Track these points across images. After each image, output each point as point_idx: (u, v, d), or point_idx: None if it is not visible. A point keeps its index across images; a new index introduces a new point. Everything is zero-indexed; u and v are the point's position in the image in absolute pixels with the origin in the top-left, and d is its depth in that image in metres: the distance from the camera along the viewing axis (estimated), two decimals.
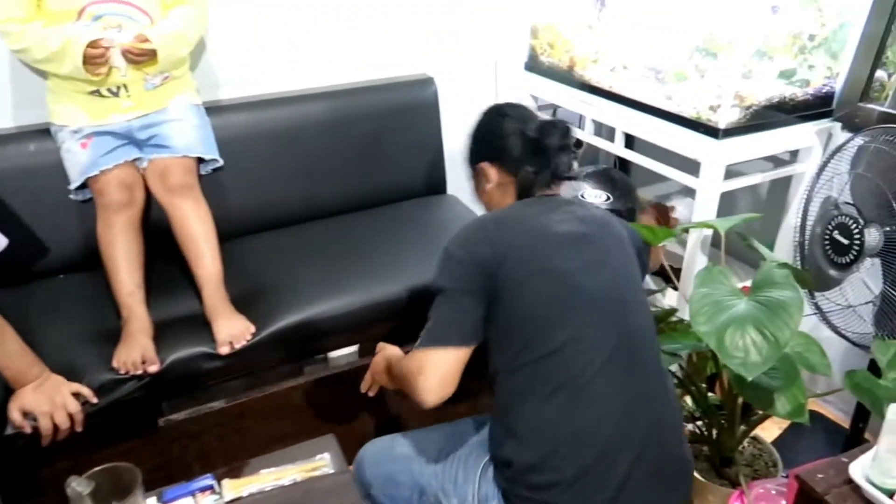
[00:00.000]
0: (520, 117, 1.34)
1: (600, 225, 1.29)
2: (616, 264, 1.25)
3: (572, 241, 1.23)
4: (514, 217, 1.26)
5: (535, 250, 1.19)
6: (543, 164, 1.30)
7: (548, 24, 2.24)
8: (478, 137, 1.41)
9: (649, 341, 1.25)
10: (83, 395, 1.46)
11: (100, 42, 1.53)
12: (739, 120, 1.74)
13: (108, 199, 1.64)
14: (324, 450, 1.20)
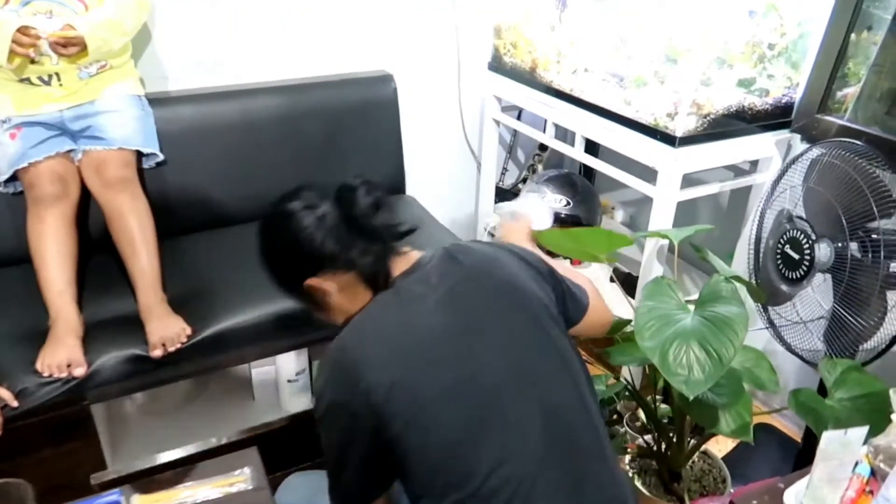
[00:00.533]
0: (307, 204, 1.06)
1: (480, 278, 1.09)
2: (514, 324, 1.06)
3: (451, 332, 1.03)
4: (372, 335, 1.03)
5: (413, 375, 0.99)
6: (370, 237, 1.05)
7: (511, 24, 2.19)
8: (280, 257, 1.12)
9: (578, 408, 1.06)
10: (2, 399, 1.39)
11: (29, 30, 1.45)
12: (697, 128, 1.71)
13: (39, 192, 1.57)
14: (245, 464, 1.14)
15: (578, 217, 2.14)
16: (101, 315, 1.59)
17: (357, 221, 1.04)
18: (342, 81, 2.12)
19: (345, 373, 1.01)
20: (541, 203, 2.03)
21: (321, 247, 1.04)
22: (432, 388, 0.99)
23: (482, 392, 1.00)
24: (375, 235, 1.05)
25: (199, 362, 1.60)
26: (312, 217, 1.04)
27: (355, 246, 1.04)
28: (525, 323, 1.08)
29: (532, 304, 1.09)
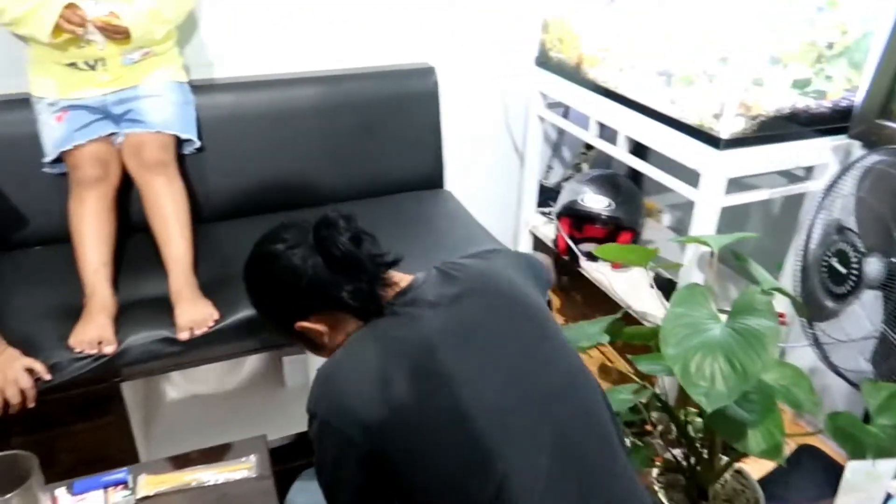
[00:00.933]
0: (289, 245, 1.04)
1: (477, 293, 1.06)
2: (515, 337, 1.03)
3: (450, 352, 0.98)
4: (363, 363, 0.99)
5: (410, 402, 0.94)
6: (354, 273, 1.02)
7: (558, 18, 2.14)
8: (266, 302, 1.12)
9: (588, 421, 1.02)
10: (37, 371, 1.43)
11: (77, 9, 1.49)
12: (744, 130, 1.62)
13: (81, 173, 1.62)
14: (253, 451, 1.14)
15: (619, 219, 2.08)
16: (135, 296, 1.63)
17: (339, 259, 1.02)
18: (383, 73, 2.11)
19: (337, 397, 0.97)
20: None
21: (306, 291, 1.02)
22: (431, 415, 0.95)
23: (485, 413, 0.96)
24: (360, 270, 1.02)
25: (225, 347, 1.62)
26: (294, 259, 1.02)
27: (340, 284, 1.02)
28: (527, 335, 1.04)
29: (532, 311, 1.06)
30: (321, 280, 1.02)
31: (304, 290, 1.03)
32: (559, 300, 2.54)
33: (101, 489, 1.05)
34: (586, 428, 1.02)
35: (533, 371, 1.01)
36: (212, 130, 1.88)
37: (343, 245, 1.02)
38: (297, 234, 1.06)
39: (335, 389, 0.98)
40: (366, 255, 1.04)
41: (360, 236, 1.05)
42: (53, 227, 1.78)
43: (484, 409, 0.95)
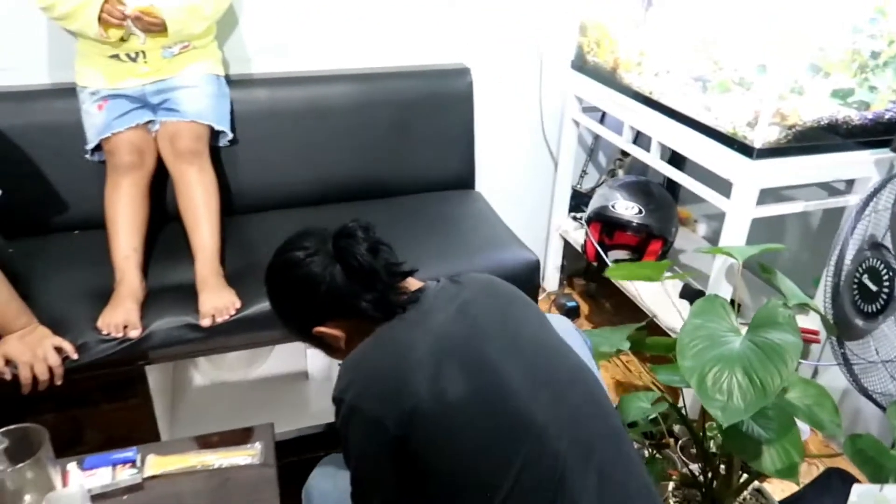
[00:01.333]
0: (308, 253, 1.08)
1: (487, 293, 1.11)
2: (526, 330, 1.07)
3: (465, 342, 1.02)
4: (386, 356, 1.02)
5: (432, 388, 0.97)
6: (371, 282, 1.06)
7: (596, 22, 2.11)
8: (286, 306, 1.16)
9: (596, 412, 1.04)
10: (65, 350, 1.48)
11: (119, 3, 1.54)
12: (779, 140, 1.58)
13: (118, 160, 1.67)
14: (259, 439, 1.16)
15: (649, 226, 2.04)
16: (163, 282, 1.67)
17: (357, 269, 1.05)
18: (417, 72, 2.12)
19: (365, 384, 1.00)
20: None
21: (324, 298, 1.06)
22: (452, 401, 0.96)
23: (502, 398, 0.98)
24: (376, 280, 1.06)
25: (247, 336, 1.65)
26: (313, 267, 1.06)
27: (358, 293, 1.05)
28: (537, 329, 1.08)
29: (540, 314, 1.12)
30: (339, 288, 1.06)
31: (323, 297, 1.06)
32: (587, 307, 2.51)
33: (110, 466, 1.08)
34: (594, 416, 1.04)
35: (546, 360, 1.05)
36: (246, 124, 1.92)
37: (361, 256, 1.05)
38: (317, 242, 1.09)
39: (363, 376, 1.01)
40: (382, 265, 1.07)
41: (377, 246, 1.09)
42: (92, 213, 1.84)
43: (502, 393, 0.98)
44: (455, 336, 1.02)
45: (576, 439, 0.98)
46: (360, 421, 0.98)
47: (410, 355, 0.99)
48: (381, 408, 0.96)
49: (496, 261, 1.80)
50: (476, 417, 0.97)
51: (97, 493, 1.05)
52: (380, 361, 1.02)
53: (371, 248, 1.07)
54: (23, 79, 1.85)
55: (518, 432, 0.96)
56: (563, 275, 2.59)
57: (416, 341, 1.01)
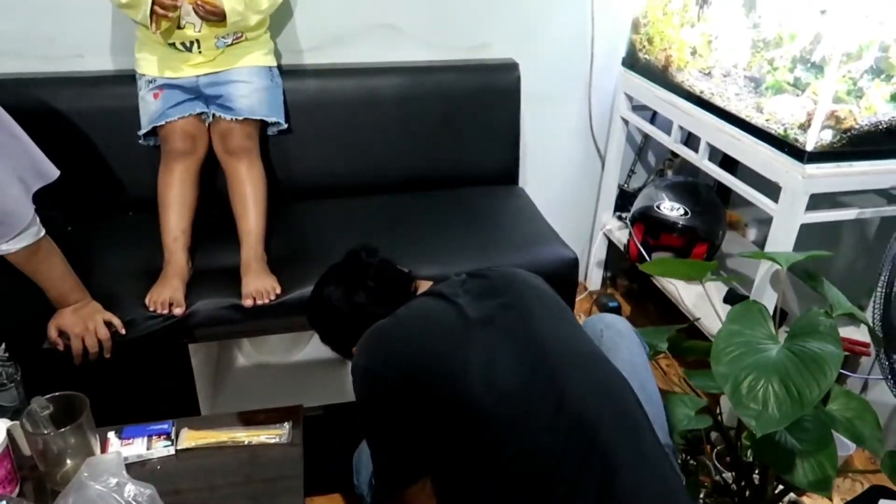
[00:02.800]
0: (336, 284, 1.30)
1: (507, 279, 1.21)
2: (548, 309, 1.17)
3: (487, 310, 1.13)
4: (411, 322, 1.15)
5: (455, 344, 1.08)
6: (386, 292, 1.25)
7: (650, 18, 2.08)
8: (325, 332, 1.36)
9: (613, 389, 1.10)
10: (114, 325, 1.55)
11: None
12: (833, 143, 1.52)
13: (171, 146, 1.74)
14: (289, 419, 1.20)
15: (695, 228, 2.00)
16: (209, 264, 1.73)
17: (373, 289, 1.24)
18: (465, 66, 2.13)
19: (381, 349, 1.11)
20: None
21: (353, 322, 1.22)
22: (477, 355, 1.05)
23: (537, 354, 1.07)
24: (390, 288, 1.25)
25: (286, 320, 1.69)
26: (339, 300, 1.26)
27: (377, 309, 1.20)
28: (558, 311, 1.17)
29: (558, 304, 1.19)
30: (363, 311, 1.23)
31: (352, 322, 1.23)
32: (629, 308, 2.48)
33: (146, 437, 1.13)
34: (606, 404, 1.07)
35: (566, 333, 1.13)
36: (297, 114, 1.96)
37: (373, 274, 1.26)
38: (338, 275, 1.31)
39: (380, 342, 1.12)
40: (391, 275, 1.28)
41: (382, 264, 1.29)
42: (146, 196, 1.91)
43: (536, 348, 1.07)
44: (469, 311, 1.11)
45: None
46: (372, 379, 1.08)
47: (422, 327, 1.12)
48: (392, 367, 1.07)
49: (534, 257, 1.80)
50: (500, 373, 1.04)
51: (133, 461, 1.10)
52: (392, 330, 1.13)
53: (379, 266, 1.28)
54: (90, 65, 1.94)
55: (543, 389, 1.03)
56: (606, 274, 2.56)
57: (430, 316, 1.14)
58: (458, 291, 1.16)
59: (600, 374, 1.12)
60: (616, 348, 1.27)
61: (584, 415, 1.02)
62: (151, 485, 0.96)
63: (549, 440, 1.00)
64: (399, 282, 1.28)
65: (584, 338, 1.17)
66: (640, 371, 1.30)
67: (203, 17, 1.64)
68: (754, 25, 1.71)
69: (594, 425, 1.01)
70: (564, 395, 1.03)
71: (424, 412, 1.04)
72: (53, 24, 1.87)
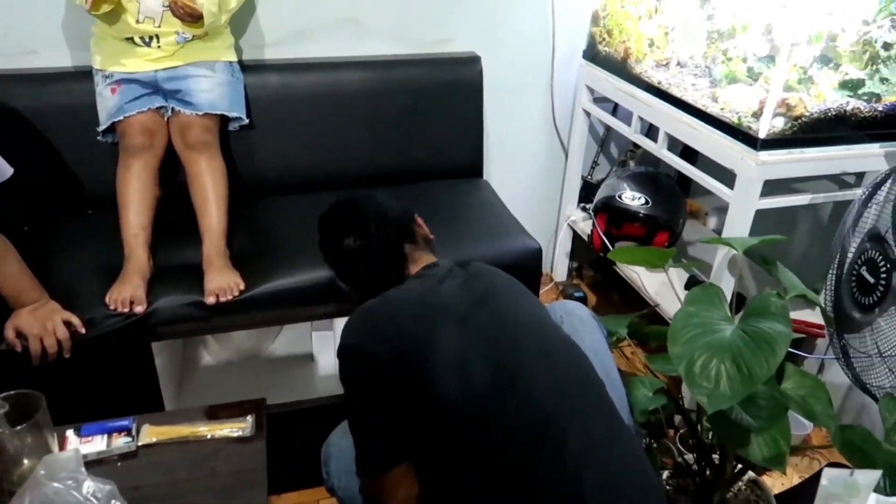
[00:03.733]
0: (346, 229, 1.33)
1: (488, 274, 1.25)
2: (524, 303, 1.21)
3: (470, 301, 1.16)
4: (396, 303, 1.18)
5: (438, 331, 1.10)
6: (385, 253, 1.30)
7: (608, 11, 2.10)
8: (326, 256, 1.41)
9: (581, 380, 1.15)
10: (74, 324, 1.53)
11: None
12: (784, 130, 1.56)
13: (129, 141, 1.71)
14: (251, 412, 1.19)
15: (655, 217, 2.03)
16: (171, 261, 1.71)
17: (368, 251, 1.28)
18: (428, 60, 2.13)
19: (367, 326, 1.13)
20: None
21: (340, 263, 1.32)
22: (458, 344, 1.08)
23: (502, 351, 1.10)
24: (382, 257, 1.28)
25: (250, 316, 1.68)
26: (345, 242, 1.30)
27: (364, 272, 1.28)
28: (533, 306, 1.19)
29: (526, 293, 1.22)
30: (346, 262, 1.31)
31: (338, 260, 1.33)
32: (595, 297, 2.51)
33: (106, 434, 1.12)
34: (581, 386, 1.13)
35: (538, 328, 1.17)
36: (260, 109, 1.94)
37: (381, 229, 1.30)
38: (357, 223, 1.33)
39: (366, 320, 1.15)
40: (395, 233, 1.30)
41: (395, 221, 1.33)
42: (105, 194, 1.88)
43: (503, 346, 1.09)
44: (453, 297, 1.15)
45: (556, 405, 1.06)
46: (357, 356, 1.10)
47: (406, 306, 1.15)
48: (377, 342, 1.09)
49: (499, 248, 1.82)
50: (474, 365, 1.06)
51: (93, 458, 1.09)
52: (380, 308, 1.16)
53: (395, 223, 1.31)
54: (45, 61, 1.90)
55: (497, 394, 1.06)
56: (572, 265, 2.59)
57: (416, 297, 1.17)
58: (446, 277, 1.20)
59: (571, 362, 1.16)
60: (577, 335, 1.29)
61: (555, 405, 1.06)
62: (111, 481, 0.95)
63: (522, 429, 1.03)
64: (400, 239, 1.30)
65: (555, 327, 1.22)
66: (602, 357, 1.34)
67: (181, 18, 1.62)
68: (709, 17, 1.74)
69: (564, 415, 1.05)
70: (534, 385, 1.06)
71: (404, 394, 1.06)
72: (2, 19, 1.83)
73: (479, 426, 1.05)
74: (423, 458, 1.10)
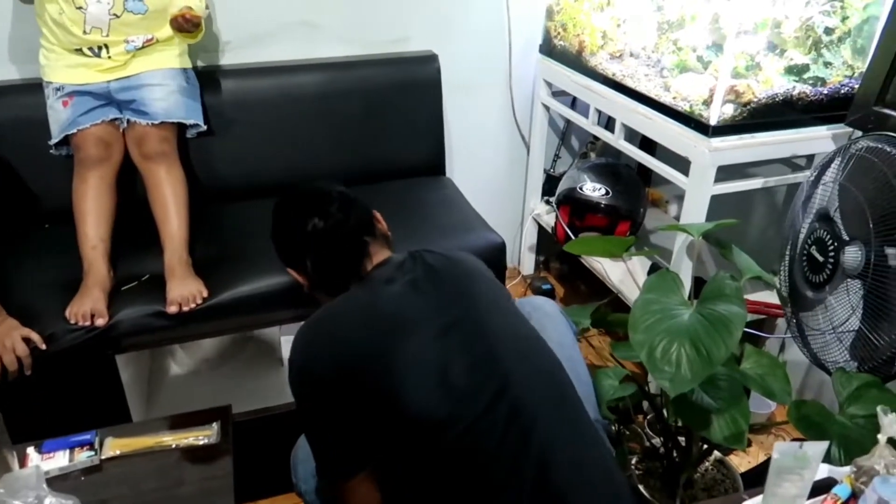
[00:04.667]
0: (307, 209, 1.23)
1: (447, 267, 1.19)
2: (482, 298, 1.17)
3: (416, 306, 1.12)
4: (344, 313, 1.13)
5: (383, 342, 1.06)
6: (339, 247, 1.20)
7: (562, 5, 2.13)
8: (275, 239, 1.32)
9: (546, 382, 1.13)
10: (33, 341, 1.51)
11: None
12: (734, 117, 1.60)
13: (84, 154, 1.69)
14: (217, 419, 1.19)
15: (617, 207, 2.06)
16: (133, 271, 1.69)
17: (332, 233, 1.19)
18: (385, 60, 2.13)
19: (310, 344, 1.09)
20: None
21: (298, 248, 1.22)
22: (402, 353, 1.05)
23: (446, 366, 1.05)
24: (345, 243, 1.19)
25: (215, 324, 1.67)
26: (303, 222, 1.20)
27: (326, 257, 1.19)
28: (493, 300, 1.17)
29: (497, 289, 1.20)
30: (313, 248, 1.21)
31: (296, 248, 1.23)
32: (563, 289, 2.54)
33: (68, 449, 1.11)
34: (545, 388, 1.11)
35: (499, 325, 1.14)
36: (217, 115, 1.93)
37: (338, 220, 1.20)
38: (314, 203, 1.24)
39: (310, 339, 1.11)
40: (354, 226, 1.21)
41: (354, 214, 1.23)
42: (62, 207, 1.86)
43: (443, 362, 1.05)
44: (401, 303, 1.11)
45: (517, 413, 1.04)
46: (297, 377, 1.08)
47: (353, 319, 1.10)
48: (316, 363, 1.06)
49: (462, 244, 1.82)
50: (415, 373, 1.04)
51: (56, 474, 1.08)
52: (324, 325, 1.12)
53: (353, 216, 1.22)
54: None
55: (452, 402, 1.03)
56: (539, 258, 2.62)
57: (363, 306, 1.12)
58: (402, 278, 1.15)
59: (538, 359, 1.16)
60: (544, 330, 1.30)
61: (522, 401, 1.05)
62: (74, 496, 0.95)
63: (488, 428, 1.02)
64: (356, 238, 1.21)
65: (523, 323, 1.20)
66: (568, 351, 1.35)
67: (187, 31, 1.61)
68: (658, 8, 1.77)
69: (532, 411, 1.05)
70: (507, 383, 1.05)
71: (358, 406, 1.04)
72: None
73: (454, 430, 1.03)
74: (387, 465, 1.08)
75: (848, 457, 1.10)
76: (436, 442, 1.03)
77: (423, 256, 1.20)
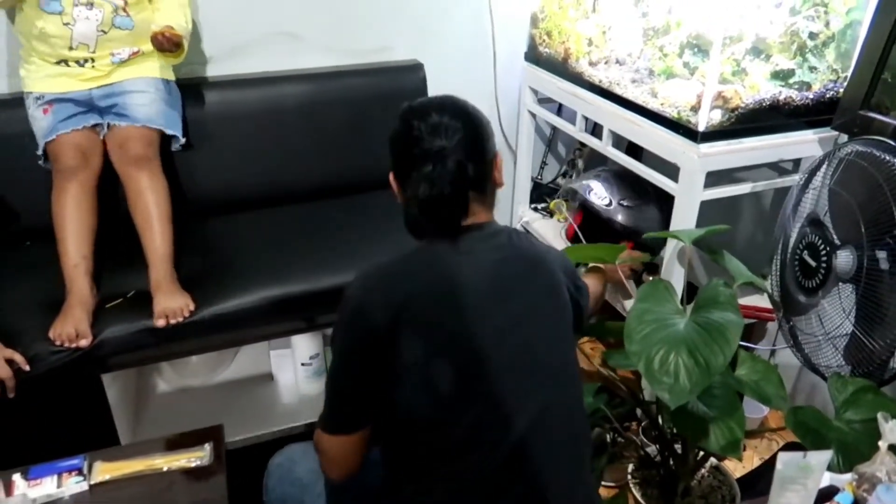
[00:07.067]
0: (427, 127, 1.15)
1: (526, 261, 1.13)
2: (538, 310, 1.11)
3: (480, 292, 1.06)
4: (416, 268, 1.08)
5: (436, 323, 1.03)
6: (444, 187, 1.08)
7: (546, 13, 2.13)
8: (390, 143, 1.24)
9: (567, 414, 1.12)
10: (16, 362, 1.47)
11: None
12: (722, 122, 1.60)
13: (62, 163, 1.65)
14: (209, 440, 1.16)
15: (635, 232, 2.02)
16: (117, 287, 1.66)
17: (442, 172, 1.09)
18: (369, 70, 2.12)
19: (381, 290, 1.05)
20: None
21: (410, 160, 1.14)
22: (442, 331, 1.03)
23: (482, 367, 1.04)
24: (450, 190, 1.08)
25: (203, 339, 1.65)
26: (427, 141, 1.13)
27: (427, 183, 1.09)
28: (548, 315, 1.12)
29: (562, 306, 1.14)
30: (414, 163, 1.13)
31: (410, 158, 1.15)
32: None
33: (56, 475, 1.08)
34: (566, 419, 1.10)
35: (536, 341, 1.10)
36: (200, 128, 1.91)
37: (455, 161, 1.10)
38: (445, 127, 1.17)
39: (377, 282, 1.06)
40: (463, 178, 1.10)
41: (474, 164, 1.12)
42: (43, 224, 1.82)
43: (483, 360, 1.04)
44: (467, 282, 1.05)
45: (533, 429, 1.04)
46: (351, 318, 1.05)
47: (422, 278, 1.06)
48: (375, 309, 1.02)
49: None
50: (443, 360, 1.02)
51: (43, 502, 1.05)
52: (392, 266, 1.08)
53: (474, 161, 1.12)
54: None
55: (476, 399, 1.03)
56: None
57: (434, 269, 1.07)
58: (490, 256, 1.10)
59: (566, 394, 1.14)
60: None
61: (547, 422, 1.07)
62: None
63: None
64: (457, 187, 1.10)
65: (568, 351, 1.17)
66: None
67: (168, 50, 1.59)
68: (644, 14, 1.77)
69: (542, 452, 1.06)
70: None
71: (389, 365, 1.02)
72: None
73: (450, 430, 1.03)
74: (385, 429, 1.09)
75: (846, 462, 1.10)
76: (434, 439, 1.04)
77: (513, 241, 1.14)
